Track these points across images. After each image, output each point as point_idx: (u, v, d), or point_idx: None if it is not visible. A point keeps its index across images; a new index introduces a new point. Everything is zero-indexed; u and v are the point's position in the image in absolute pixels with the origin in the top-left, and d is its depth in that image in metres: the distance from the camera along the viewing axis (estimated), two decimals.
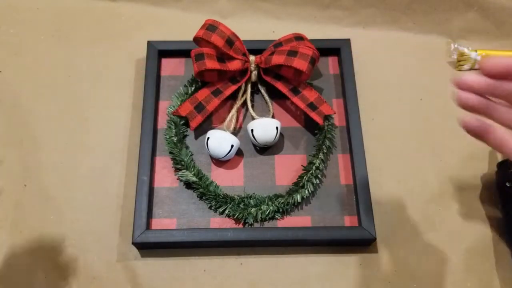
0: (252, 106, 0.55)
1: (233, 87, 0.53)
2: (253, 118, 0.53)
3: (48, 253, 0.48)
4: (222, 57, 0.53)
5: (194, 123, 0.52)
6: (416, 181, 0.53)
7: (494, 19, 0.60)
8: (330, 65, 0.59)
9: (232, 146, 0.50)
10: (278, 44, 0.54)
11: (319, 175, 0.51)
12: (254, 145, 0.53)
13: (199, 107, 0.52)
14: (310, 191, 0.50)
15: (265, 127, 0.51)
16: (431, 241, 0.50)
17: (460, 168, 0.53)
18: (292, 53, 0.51)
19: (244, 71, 0.54)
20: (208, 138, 0.50)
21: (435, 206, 0.51)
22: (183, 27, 0.59)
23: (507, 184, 0.49)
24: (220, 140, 0.49)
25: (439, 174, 0.53)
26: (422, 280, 0.48)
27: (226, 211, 0.49)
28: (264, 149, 0.53)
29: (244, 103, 0.55)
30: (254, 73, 0.54)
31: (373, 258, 0.49)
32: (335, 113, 0.55)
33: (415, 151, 0.54)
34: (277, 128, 0.51)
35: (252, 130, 0.51)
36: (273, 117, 0.54)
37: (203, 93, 0.53)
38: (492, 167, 0.53)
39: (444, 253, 0.49)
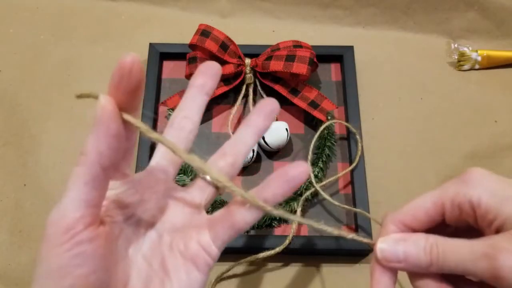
0: None
1: (225, 88, 0.53)
2: None
3: None
4: (217, 61, 0.53)
5: None
6: (416, 181, 0.53)
7: (495, 18, 0.60)
8: (332, 72, 0.58)
9: (253, 150, 0.50)
10: (276, 48, 0.54)
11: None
12: (264, 150, 0.53)
13: None
14: (308, 199, 0.50)
15: (275, 131, 0.50)
16: None
17: (460, 168, 0.53)
18: (290, 57, 0.51)
19: (239, 74, 0.54)
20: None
21: None
22: (183, 27, 0.59)
23: None
24: None
25: (439, 174, 0.53)
26: None
27: None
28: (274, 153, 0.53)
29: (245, 108, 0.55)
30: (249, 75, 0.54)
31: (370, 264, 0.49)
32: (337, 107, 0.55)
33: (415, 151, 0.54)
34: (286, 129, 0.51)
35: (263, 137, 0.50)
36: (276, 120, 0.54)
37: None
38: (493, 166, 0.53)
39: None
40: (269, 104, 0.29)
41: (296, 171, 0.25)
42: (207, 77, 0.28)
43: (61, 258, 0.21)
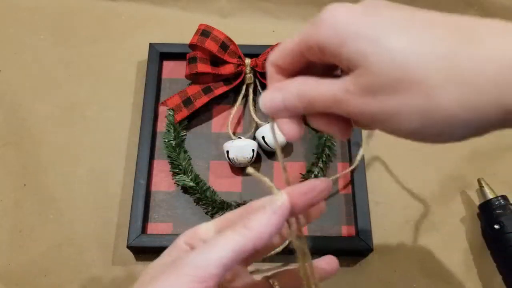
0: (254, 111, 0.55)
1: (225, 88, 0.53)
2: (256, 123, 0.53)
3: (47, 253, 0.48)
4: (217, 61, 0.53)
5: (178, 117, 0.52)
6: (416, 181, 0.53)
7: (494, 18, 0.60)
8: None
9: (253, 150, 0.50)
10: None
11: None
12: (264, 150, 0.53)
13: (187, 102, 0.53)
14: None
15: (276, 131, 0.50)
16: (431, 241, 0.50)
17: (460, 168, 0.53)
18: None
19: (239, 74, 0.54)
20: (227, 151, 0.50)
21: (435, 206, 0.51)
22: (183, 27, 0.59)
23: (496, 227, 0.46)
24: (239, 149, 0.49)
25: (439, 173, 0.53)
26: (422, 280, 0.48)
27: None
28: (274, 153, 0.53)
29: (245, 108, 0.55)
30: (249, 75, 0.54)
31: (372, 261, 0.49)
32: None
33: (415, 151, 0.54)
34: None
35: (263, 137, 0.51)
36: None
37: (193, 89, 0.53)
38: (494, 166, 0.53)
39: (444, 253, 0.49)
40: None
41: None
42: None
43: None
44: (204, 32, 0.53)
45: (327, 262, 0.32)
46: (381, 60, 0.20)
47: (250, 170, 0.27)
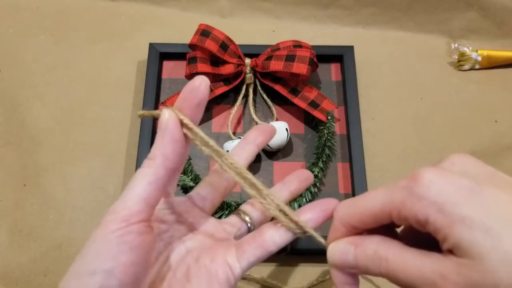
0: (254, 111, 0.55)
1: (225, 88, 0.53)
2: (256, 123, 0.53)
3: (48, 253, 0.48)
4: (217, 61, 0.53)
5: None
6: None
7: (495, 18, 0.60)
8: (332, 72, 0.58)
9: None
10: (276, 48, 0.54)
11: (317, 184, 0.50)
12: (264, 150, 0.53)
13: None
14: (308, 200, 0.50)
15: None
16: None
17: None
18: (290, 57, 0.51)
19: (239, 74, 0.54)
20: (227, 151, 0.50)
21: None
22: (183, 27, 0.59)
23: None
24: None
25: None
26: None
27: (223, 217, 0.48)
28: (273, 153, 0.53)
29: (245, 108, 0.55)
30: (249, 75, 0.54)
31: None
32: (337, 108, 0.55)
33: (415, 151, 0.54)
34: (287, 129, 0.51)
35: None
36: (276, 120, 0.54)
37: None
38: (493, 166, 0.53)
39: None
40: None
41: (332, 204, 0.28)
42: (258, 132, 0.33)
43: (111, 242, 0.23)
44: (204, 32, 0.53)
45: (300, 179, 0.33)
46: (500, 259, 0.19)
47: (140, 112, 0.27)
